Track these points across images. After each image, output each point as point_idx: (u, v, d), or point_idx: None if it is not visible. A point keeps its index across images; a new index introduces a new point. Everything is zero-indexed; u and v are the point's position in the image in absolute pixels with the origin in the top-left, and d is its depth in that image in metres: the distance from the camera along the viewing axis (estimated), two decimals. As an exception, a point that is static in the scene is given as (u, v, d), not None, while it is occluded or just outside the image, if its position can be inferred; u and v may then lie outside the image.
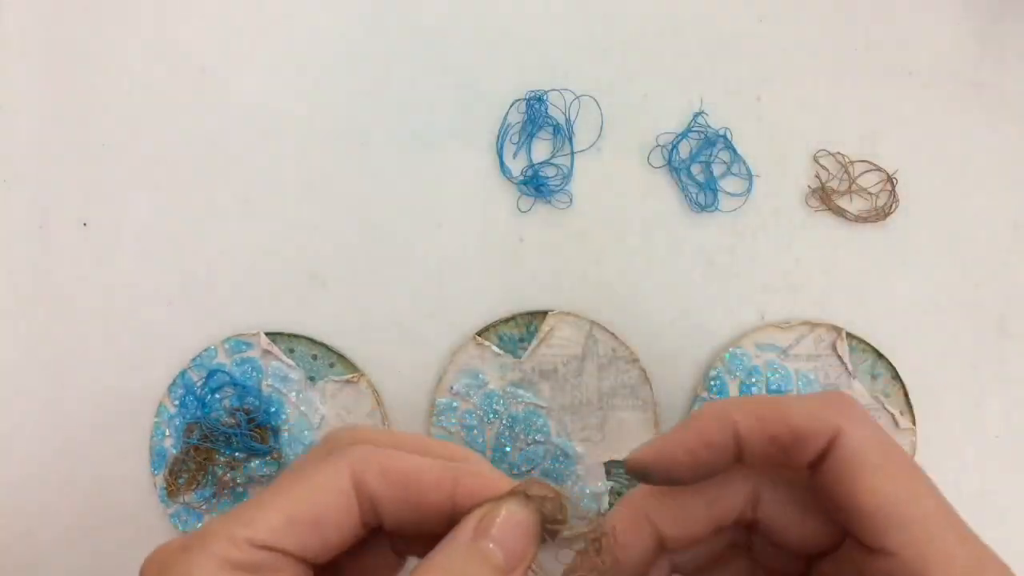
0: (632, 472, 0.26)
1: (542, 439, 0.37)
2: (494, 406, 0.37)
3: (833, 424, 0.24)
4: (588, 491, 0.36)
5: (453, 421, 0.37)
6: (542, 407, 0.37)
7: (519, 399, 0.37)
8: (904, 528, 0.23)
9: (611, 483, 0.36)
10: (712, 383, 0.37)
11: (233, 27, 0.40)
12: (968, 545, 0.23)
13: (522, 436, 0.37)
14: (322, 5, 0.40)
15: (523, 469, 0.36)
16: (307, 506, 0.23)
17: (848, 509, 0.24)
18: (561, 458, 0.37)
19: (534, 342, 0.37)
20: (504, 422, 0.37)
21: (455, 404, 0.37)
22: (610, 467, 0.37)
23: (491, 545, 0.23)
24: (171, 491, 0.37)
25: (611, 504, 0.36)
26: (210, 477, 0.37)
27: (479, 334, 0.37)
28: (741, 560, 0.28)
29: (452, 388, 0.37)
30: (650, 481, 0.26)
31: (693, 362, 0.38)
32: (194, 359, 0.38)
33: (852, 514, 0.24)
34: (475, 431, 0.37)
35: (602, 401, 0.37)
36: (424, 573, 0.23)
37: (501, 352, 0.37)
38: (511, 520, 0.23)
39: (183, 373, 0.38)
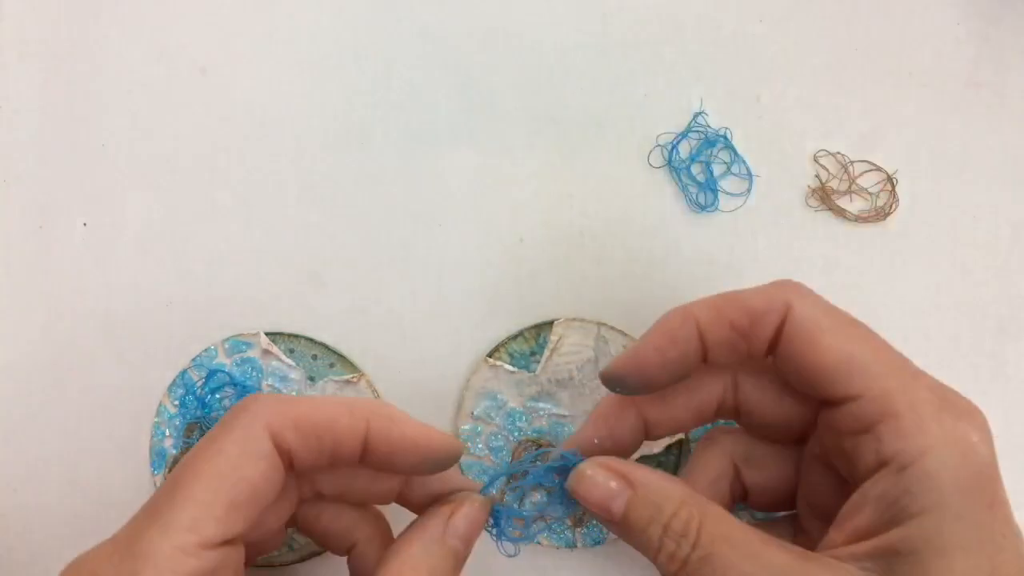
0: (609, 382, 0.29)
1: None
2: (517, 424, 0.37)
3: (783, 300, 0.26)
4: None
5: (480, 446, 0.37)
6: (565, 416, 0.37)
7: (540, 412, 0.37)
8: (863, 372, 0.25)
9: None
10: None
11: (233, 27, 0.40)
12: (928, 382, 0.25)
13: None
14: (322, 5, 0.40)
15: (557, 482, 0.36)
16: (237, 482, 0.23)
17: (810, 371, 0.25)
18: None
19: (545, 354, 0.37)
20: (530, 437, 0.37)
21: (479, 428, 0.37)
22: (642, 462, 0.36)
23: (457, 542, 0.26)
24: (171, 491, 0.37)
25: None
26: (210, 477, 0.37)
27: (490, 355, 0.37)
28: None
29: (473, 413, 0.37)
30: (627, 389, 0.28)
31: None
32: (194, 359, 0.38)
33: (815, 375, 0.25)
34: (503, 453, 0.37)
35: None
36: (401, 566, 0.25)
37: (515, 369, 0.37)
38: (473, 518, 0.27)
39: (183, 373, 0.38)
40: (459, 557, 0.26)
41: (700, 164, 0.39)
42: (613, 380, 0.29)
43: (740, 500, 0.29)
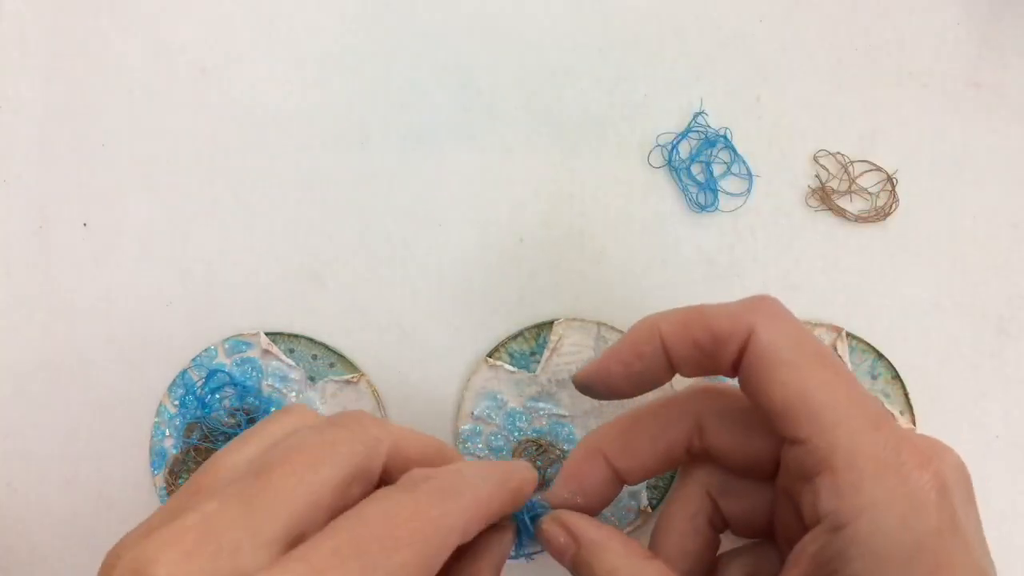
0: (579, 388, 0.29)
1: (571, 447, 0.36)
2: (518, 424, 0.37)
3: (747, 323, 0.24)
4: (626, 491, 0.36)
5: (480, 445, 0.37)
6: (565, 416, 0.37)
7: (540, 412, 0.37)
8: (812, 415, 0.23)
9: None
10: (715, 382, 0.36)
11: (233, 27, 0.40)
12: (882, 432, 0.23)
13: (550, 449, 0.37)
14: (322, 5, 0.40)
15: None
16: (337, 487, 0.22)
17: (764, 403, 0.24)
18: None
19: (545, 354, 0.37)
20: (530, 438, 0.37)
21: (479, 428, 0.37)
22: None
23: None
24: (171, 491, 0.37)
25: (649, 499, 0.36)
26: (210, 477, 0.37)
27: (489, 355, 0.37)
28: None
29: (473, 413, 0.37)
30: (596, 395, 0.29)
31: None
32: (194, 359, 0.38)
33: (768, 407, 0.24)
34: (503, 453, 0.37)
35: (623, 400, 0.37)
36: None
37: (515, 369, 0.37)
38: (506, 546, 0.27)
39: (183, 373, 0.38)
40: None
41: (700, 164, 0.39)
42: (582, 386, 0.29)
43: (721, 529, 0.29)
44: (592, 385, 0.28)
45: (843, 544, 0.22)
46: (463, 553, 0.26)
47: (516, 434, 0.37)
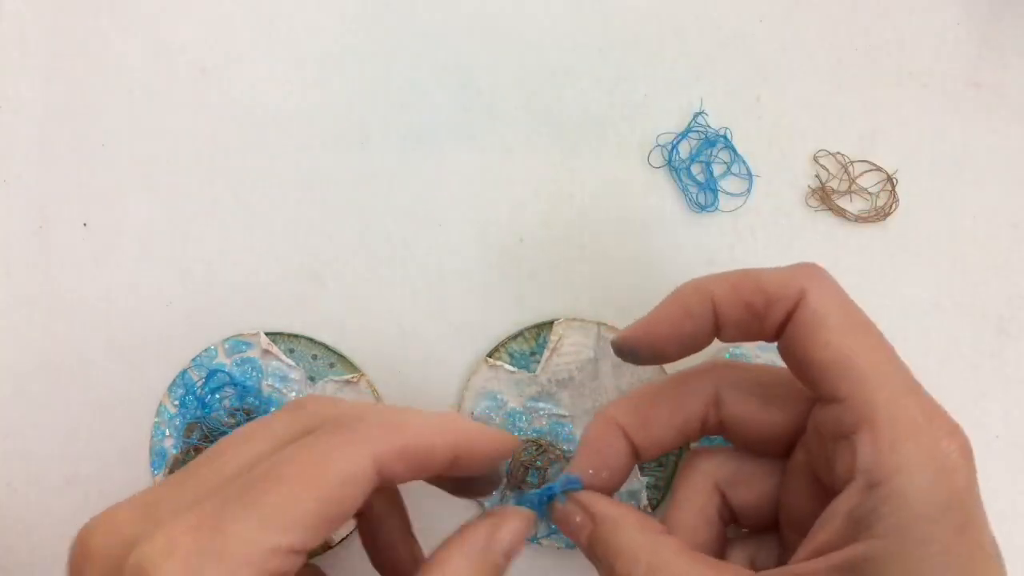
0: (620, 352, 0.29)
1: (570, 448, 0.36)
2: (518, 424, 0.37)
3: (800, 287, 0.25)
4: (625, 490, 0.36)
5: None
6: (565, 416, 0.37)
7: (540, 412, 0.37)
8: (855, 375, 0.24)
9: (646, 478, 0.36)
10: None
11: (233, 27, 0.40)
12: (917, 397, 0.25)
13: (550, 448, 0.37)
14: (322, 5, 0.40)
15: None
16: (337, 501, 0.23)
17: (807, 364, 0.25)
18: None
19: (545, 354, 0.37)
20: (530, 438, 0.37)
21: None
22: (642, 463, 0.36)
23: (501, 557, 0.26)
24: (171, 491, 0.37)
25: (649, 499, 0.36)
26: (210, 477, 0.37)
27: (489, 355, 0.37)
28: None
29: (473, 413, 0.37)
30: (639, 359, 0.28)
31: (695, 362, 0.38)
32: (194, 359, 0.38)
33: (810, 369, 0.25)
34: None
35: None
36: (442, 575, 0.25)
37: (515, 370, 0.37)
38: (518, 532, 0.26)
39: (183, 373, 0.38)
40: (500, 572, 0.26)
41: (700, 164, 0.39)
42: (624, 349, 0.29)
43: (728, 522, 0.29)
44: (637, 348, 0.28)
45: (877, 501, 0.23)
46: (451, 537, 0.26)
47: (516, 434, 0.37)
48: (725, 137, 0.39)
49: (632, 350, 0.28)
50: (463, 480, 0.29)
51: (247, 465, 0.23)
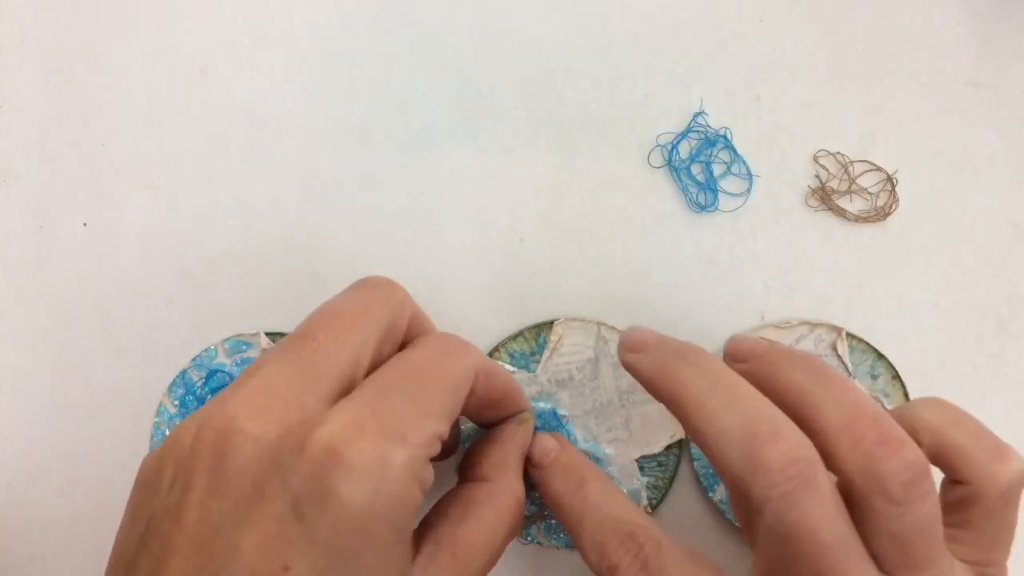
0: None
1: None
2: None
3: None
4: (625, 490, 0.36)
5: None
6: (565, 416, 0.37)
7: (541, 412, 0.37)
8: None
9: (646, 478, 0.36)
10: None
11: (233, 27, 0.40)
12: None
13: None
14: (322, 5, 0.40)
15: None
16: (461, 398, 0.27)
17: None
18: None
19: (545, 354, 0.37)
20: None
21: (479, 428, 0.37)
22: (642, 463, 0.36)
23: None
24: (171, 491, 0.37)
25: (649, 500, 0.36)
26: (210, 477, 0.37)
27: (489, 355, 0.37)
28: None
29: None
30: None
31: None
32: (194, 359, 0.38)
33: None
34: None
35: (623, 399, 0.37)
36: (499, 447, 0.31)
37: (514, 369, 0.37)
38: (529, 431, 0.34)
39: (183, 373, 0.38)
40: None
41: (700, 164, 0.39)
42: None
43: None
44: None
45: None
46: (488, 441, 0.32)
47: None
48: (725, 137, 0.39)
49: None
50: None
51: (362, 359, 0.26)
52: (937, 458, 0.28)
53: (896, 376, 0.37)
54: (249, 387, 0.24)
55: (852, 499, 0.25)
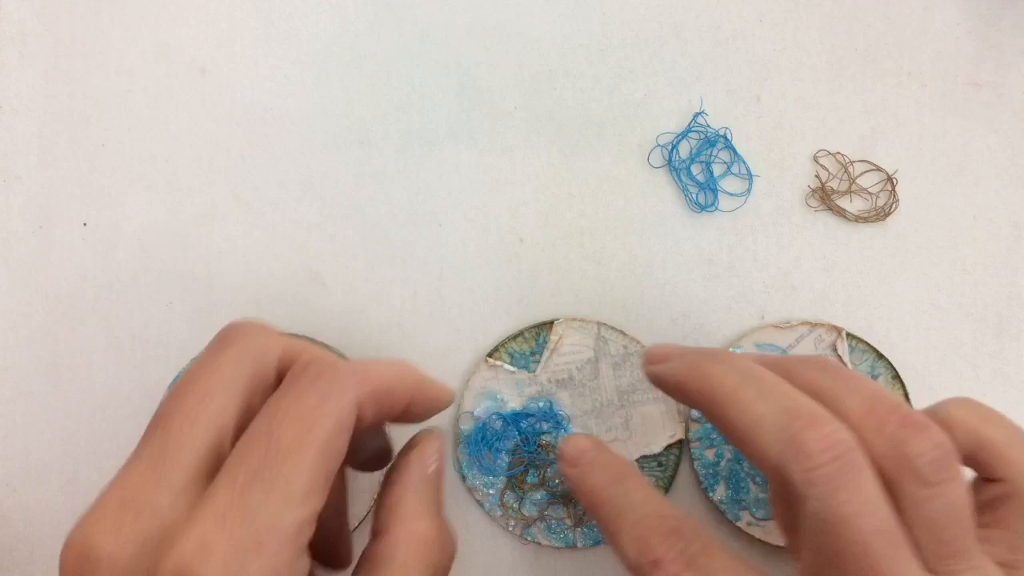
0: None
1: None
2: (518, 424, 0.37)
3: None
4: None
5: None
6: (564, 416, 0.37)
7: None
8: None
9: (647, 478, 0.36)
10: None
11: (233, 27, 0.40)
12: None
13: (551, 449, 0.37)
14: (322, 5, 0.40)
15: (557, 483, 0.36)
16: (336, 453, 0.23)
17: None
18: None
19: (545, 354, 0.37)
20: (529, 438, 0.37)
21: None
22: (642, 463, 0.36)
23: (434, 477, 0.27)
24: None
25: None
26: (210, 477, 0.37)
27: (489, 355, 0.37)
28: None
29: (473, 413, 0.37)
30: None
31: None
32: (194, 359, 0.38)
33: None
34: (502, 453, 0.36)
35: (622, 399, 0.37)
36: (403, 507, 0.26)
37: (515, 369, 0.37)
38: (438, 454, 0.28)
39: (183, 373, 0.37)
40: (438, 489, 0.28)
41: (700, 164, 0.39)
42: None
43: None
44: None
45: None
46: (385, 482, 0.27)
47: (516, 434, 0.37)
48: (725, 137, 0.39)
49: None
50: (364, 456, 0.29)
51: (223, 429, 0.23)
52: (970, 456, 0.28)
53: (896, 376, 0.37)
54: (105, 498, 0.23)
55: (884, 488, 0.24)
